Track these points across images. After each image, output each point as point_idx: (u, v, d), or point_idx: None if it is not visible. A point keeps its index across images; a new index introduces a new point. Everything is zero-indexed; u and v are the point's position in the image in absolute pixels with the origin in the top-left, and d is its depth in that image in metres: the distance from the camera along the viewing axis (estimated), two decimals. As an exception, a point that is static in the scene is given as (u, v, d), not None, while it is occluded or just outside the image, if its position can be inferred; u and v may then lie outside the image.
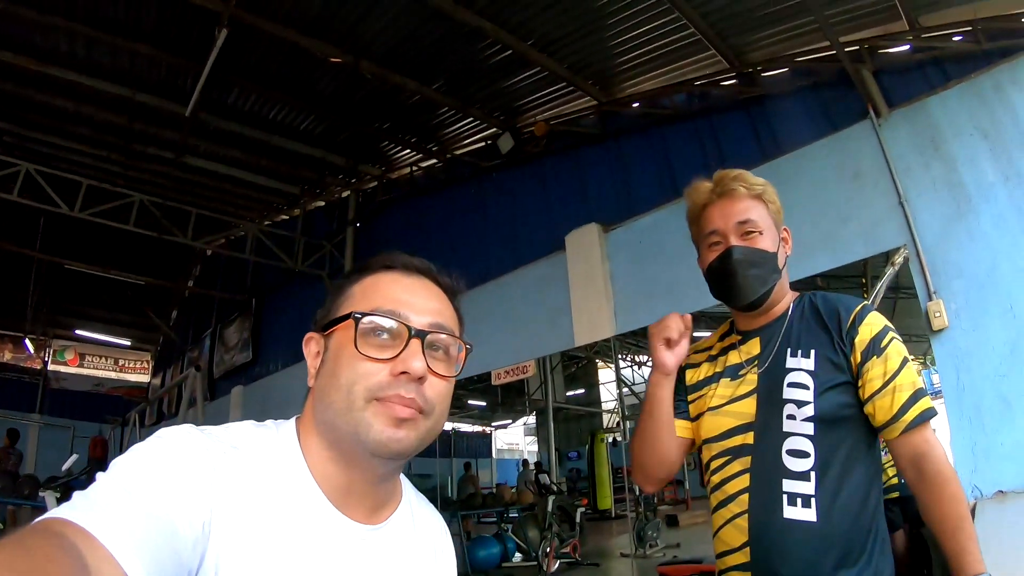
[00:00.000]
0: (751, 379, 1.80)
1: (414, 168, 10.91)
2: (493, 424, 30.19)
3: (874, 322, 1.73)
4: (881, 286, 5.52)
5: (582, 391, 22.86)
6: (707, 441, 1.84)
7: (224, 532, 0.87)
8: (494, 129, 9.36)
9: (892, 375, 1.66)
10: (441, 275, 1.15)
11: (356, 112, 9.37)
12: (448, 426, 26.90)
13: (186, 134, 9.60)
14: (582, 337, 7.68)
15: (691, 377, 1.97)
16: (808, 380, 1.69)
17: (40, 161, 10.12)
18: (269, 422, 1.08)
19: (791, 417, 1.68)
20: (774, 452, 1.68)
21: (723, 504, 1.76)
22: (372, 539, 1.05)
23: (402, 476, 1.21)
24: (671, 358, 1.83)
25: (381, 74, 8.19)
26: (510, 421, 28.34)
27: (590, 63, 7.77)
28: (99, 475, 0.82)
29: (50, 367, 21.43)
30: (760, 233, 1.80)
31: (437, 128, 9.82)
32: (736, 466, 1.74)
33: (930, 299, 5.06)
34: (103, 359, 23.30)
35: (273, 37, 7.59)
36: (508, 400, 23.40)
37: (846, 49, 5.68)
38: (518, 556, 10.66)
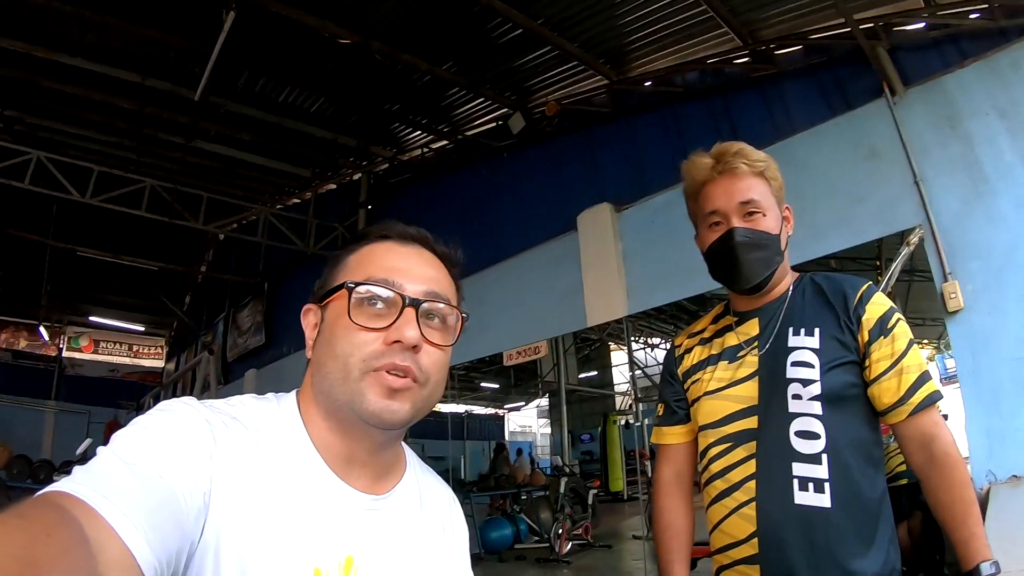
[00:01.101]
0: (751, 361, 1.71)
1: (425, 150, 10.88)
2: (506, 406, 30.19)
3: (881, 302, 1.64)
4: (896, 266, 5.46)
5: (595, 373, 22.94)
6: (705, 427, 1.76)
7: (225, 502, 0.86)
8: (505, 109, 9.32)
9: (899, 356, 1.57)
10: (438, 243, 1.14)
11: (367, 93, 9.33)
12: (461, 408, 26.99)
13: (197, 118, 9.60)
14: (594, 317, 7.65)
15: (686, 363, 1.89)
16: (813, 358, 1.60)
17: (51, 148, 10.14)
18: (270, 395, 1.08)
19: (797, 397, 1.59)
20: (781, 435, 1.59)
21: (726, 493, 1.67)
22: (377, 509, 1.04)
23: (406, 447, 1.21)
24: None
25: (391, 54, 8.14)
26: (523, 403, 28.33)
27: (601, 42, 7.71)
28: (100, 448, 0.81)
29: (65, 354, 21.57)
30: (763, 214, 1.70)
31: (448, 109, 9.77)
32: (740, 452, 1.65)
33: (945, 280, 4.99)
34: (118, 345, 23.50)
35: (281, 18, 7.52)
36: (521, 382, 23.50)
37: (861, 27, 5.60)
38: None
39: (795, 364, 1.62)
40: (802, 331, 1.65)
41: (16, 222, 12.43)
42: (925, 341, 15.78)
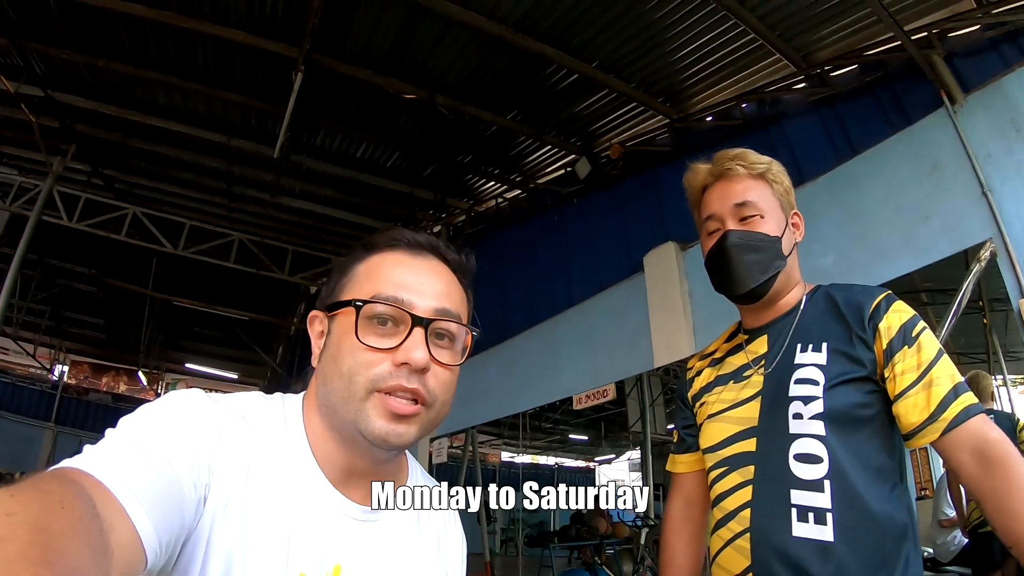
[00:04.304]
0: (756, 381, 1.58)
1: (500, 199, 11.00)
2: (596, 459, 29.65)
3: (902, 309, 1.47)
4: (966, 286, 5.00)
5: (685, 425, 22.36)
6: (706, 451, 1.64)
7: (220, 497, 0.87)
8: (573, 155, 9.35)
9: (927, 366, 1.38)
10: (449, 251, 1.09)
11: (438, 146, 9.55)
12: (551, 461, 26.63)
13: (279, 175, 10.06)
14: (661, 358, 7.42)
15: (695, 387, 1.79)
16: (818, 375, 1.45)
17: (146, 204, 11.02)
18: (277, 395, 1.08)
19: (798, 416, 1.44)
20: (779, 458, 1.44)
21: (722, 523, 1.53)
22: (371, 520, 1.03)
23: (411, 457, 1.19)
24: None
25: (456, 107, 8.35)
26: (613, 456, 27.69)
27: (657, 80, 7.67)
28: (109, 431, 0.82)
29: (163, 399, 22.57)
30: (761, 216, 1.61)
31: (517, 158, 9.89)
32: (736, 477, 1.52)
33: (1022, 296, 4.58)
34: (213, 392, 24.28)
35: (349, 78, 7.90)
36: (611, 434, 23.01)
37: (913, 37, 5.36)
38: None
39: (798, 381, 1.48)
40: (810, 347, 1.52)
41: (120, 273, 13.29)
42: (1014, 378, 13.99)
